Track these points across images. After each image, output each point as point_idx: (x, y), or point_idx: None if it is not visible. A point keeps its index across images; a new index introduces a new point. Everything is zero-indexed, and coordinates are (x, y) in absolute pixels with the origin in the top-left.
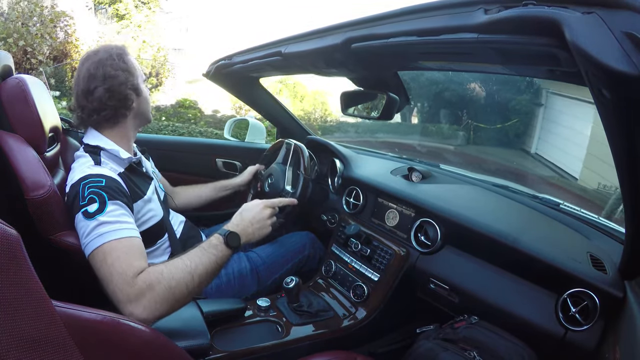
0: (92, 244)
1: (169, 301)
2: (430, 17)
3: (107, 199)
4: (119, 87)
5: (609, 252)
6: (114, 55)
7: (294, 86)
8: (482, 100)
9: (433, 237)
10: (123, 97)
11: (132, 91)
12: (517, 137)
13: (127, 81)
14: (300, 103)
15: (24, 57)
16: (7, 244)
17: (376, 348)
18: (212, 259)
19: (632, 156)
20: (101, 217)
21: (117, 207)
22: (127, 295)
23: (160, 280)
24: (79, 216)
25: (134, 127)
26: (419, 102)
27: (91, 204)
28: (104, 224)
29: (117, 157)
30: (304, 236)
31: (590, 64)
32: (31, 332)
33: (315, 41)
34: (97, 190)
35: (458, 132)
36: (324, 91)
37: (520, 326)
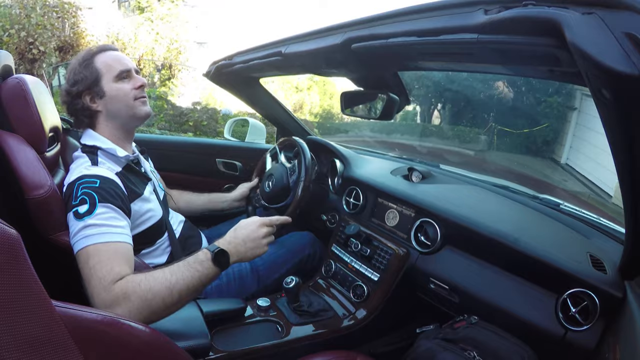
0: (77, 245)
1: (144, 313)
2: (431, 17)
3: (98, 201)
4: (65, 98)
5: (609, 252)
6: (70, 69)
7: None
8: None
9: (433, 237)
10: (74, 106)
11: (89, 96)
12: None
13: (70, 91)
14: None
15: (27, 48)
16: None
17: (376, 348)
18: (196, 275)
19: (632, 156)
20: (89, 220)
21: (108, 209)
22: (102, 301)
23: (137, 290)
24: (70, 215)
25: (116, 128)
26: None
27: (82, 205)
28: (91, 226)
29: (114, 155)
30: (304, 236)
31: (590, 64)
32: (31, 332)
33: (316, 41)
34: (89, 192)
35: (480, 136)
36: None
37: (520, 326)
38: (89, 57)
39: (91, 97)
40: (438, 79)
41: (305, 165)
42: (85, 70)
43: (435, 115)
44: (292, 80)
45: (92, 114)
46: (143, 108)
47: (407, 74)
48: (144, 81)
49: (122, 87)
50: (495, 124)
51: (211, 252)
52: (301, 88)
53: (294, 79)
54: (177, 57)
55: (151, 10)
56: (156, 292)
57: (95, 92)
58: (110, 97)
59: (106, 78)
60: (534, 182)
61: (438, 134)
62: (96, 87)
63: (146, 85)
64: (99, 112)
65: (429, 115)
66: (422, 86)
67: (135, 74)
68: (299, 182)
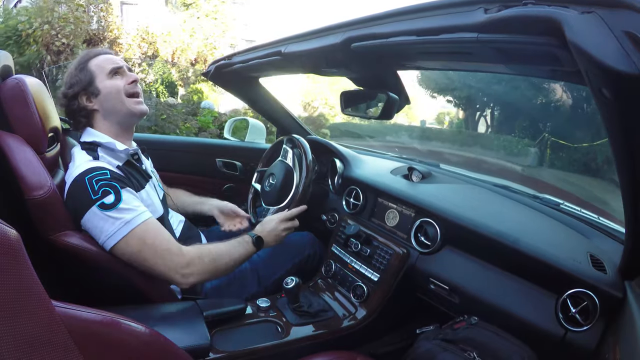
0: (121, 232)
1: (211, 272)
2: (430, 16)
3: (120, 188)
4: (62, 100)
5: (609, 252)
6: (67, 73)
7: None
8: (567, 110)
9: (433, 237)
10: (72, 108)
11: (85, 97)
12: (607, 164)
13: (67, 93)
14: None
15: (51, 40)
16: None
17: (376, 348)
18: (242, 250)
19: (632, 156)
20: (122, 205)
21: (130, 194)
22: (178, 264)
23: (208, 254)
24: (94, 210)
25: (114, 124)
26: (487, 108)
27: (106, 196)
28: (127, 210)
29: (114, 150)
30: (304, 236)
31: (590, 63)
32: (31, 332)
33: (315, 41)
34: (107, 182)
35: (530, 148)
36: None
37: (520, 326)
38: (83, 62)
39: (87, 97)
40: (487, 82)
41: (307, 164)
42: (80, 74)
43: (482, 123)
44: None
45: (89, 113)
46: (137, 106)
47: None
48: (136, 77)
49: (115, 83)
50: (549, 135)
51: (252, 237)
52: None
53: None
54: (211, 52)
55: (196, 7)
56: (221, 255)
57: (91, 92)
58: (104, 94)
59: (100, 77)
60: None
61: (482, 143)
62: (91, 87)
63: (138, 80)
64: (95, 111)
65: (473, 122)
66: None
67: (128, 71)
68: (299, 181)
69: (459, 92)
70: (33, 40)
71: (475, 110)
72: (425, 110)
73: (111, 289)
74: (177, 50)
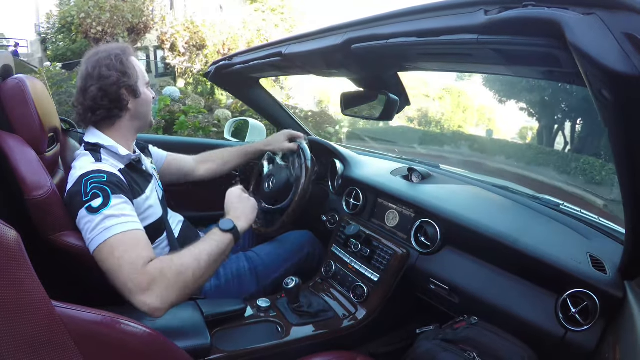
0: (99, 238)
1: (179, 287)
2: (431, 18)
3: (111, 193)
4: (110, 87)
5: (609, 252)
6: (112, 56)
7: (459, 95)
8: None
9: (433, 238)
10: (116, 97)
11: (127, 92)
12: None
13: (119, 81)
14: (462, 114)
15: (88, 28)
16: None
17: (376, 348)
18: (214, 244)
19: (632, 157)
20: (106, 211)
21: (121, 201)
22: (139, 285)
23: (171, 265)
24: (82, 212)
25: (132, 128)
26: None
27: (95, 199)
28: (110, 217)
29: (117, 154)
30: (303, 235)
31: (590, 65)
32: (31, 332)
33: (316, 42)
34: (99, 185)
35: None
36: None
37: (520, 327)
38: (127, 55)
39: (128, 92)
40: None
41: (306, 165)
42: (127, 64)
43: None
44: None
45: (120, 108)
46: (152, 121)
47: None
48: (155, 94)
49: (149, 94)
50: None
51: (219, 226)
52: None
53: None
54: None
55: (261, 1)
56: (187, 265)
57: (133, 91)
58: (143, 99)
59: (141, 81)
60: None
61: (555, 164)
62: (135, 85)
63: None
64: (126, 110)
65: (549, 137)
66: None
67: None
68: (299, 182)
69: (531, 95)
70: (74, 29)
71: (552, 121)
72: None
73: (111, 289)
74: (227, 41)
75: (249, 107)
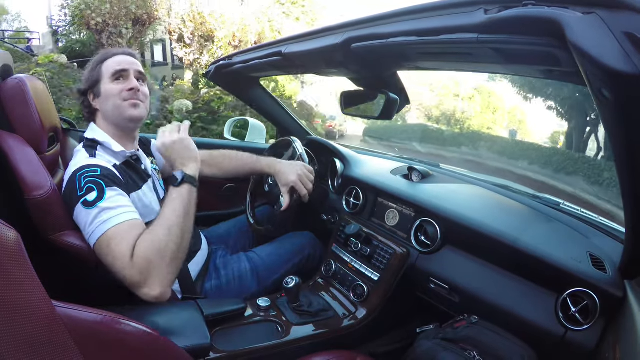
0: (97, 232)
1: (168, 262)
2: (430, 17)
3: (105, 186)
4: (78, 93)
5: (609, 251)
6: (95, 61)
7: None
8: None
9: (433, 237)
10: (83, 102)
11: (92, 95)
12: None
13: (81, 88)
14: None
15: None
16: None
17: (376, 348)
18: (176, 203)
19: (632, 156)
20: (102, 204)
21: (115, 193)
22: (134, 280)
23: (152, 248)
24: (79, 207)
25: (112, 125)
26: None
27: (90, 193)
28: (106, 210)
29: (111, 150)
30: (304, 236)
31: (590, 64)
32: (31, 332)
33: (316, 41)
34: (93, 179)
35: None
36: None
37: (520, 326)
38: (99, 61)
39: (93, 96)
40: None
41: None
42: (92, 72)
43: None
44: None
45: (93, 111)
46: (130, 110)
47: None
48: (135, 84)
49: (113, 87)
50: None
51: (176, 181)
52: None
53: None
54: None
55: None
56: (164, 239)
57: (95, 92)
58: (103, 97)
59: (105, 79)
60: None
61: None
62: (96, 87)
63: (138, 88)
64: (97, 111)
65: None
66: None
67: (134, 78)
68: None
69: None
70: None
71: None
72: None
73: (111, 289)
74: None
75: (249, 106)
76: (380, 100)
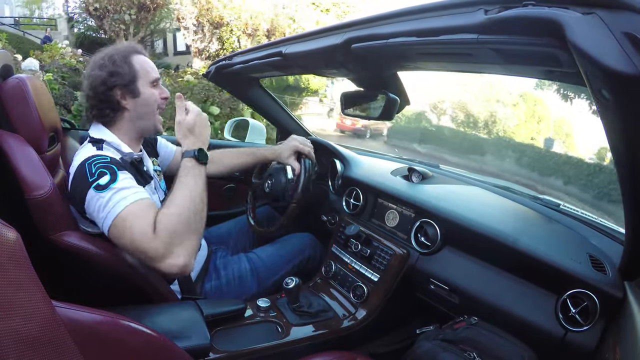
0: (112, 213)
1: (191, 232)
2: (430, 17)
3: (117, 169)
4: (98, 87)
5: (609, 252)
6: (107, 57)
7: (535, 103)
8: None
9: (433, 238)
10: (105, 97)
11: (120, 92)
12: None
13: (106, 81)
14: (537, 125)
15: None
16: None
17: (376, 348)
18: (198, 180)
19: (632, 157)
20: (115, 185)
21: (127, 175)
22: (159, 252)
23: (172, 219)
24: (91, 192)
25: (134, 129)
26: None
27: (102, 177)
28: (120, 190)
29: (118, 150)
30: (304, 237)
31: (590, 65)
32: (31, 333)
33: (316, 42)
34: (104, 164)
35: None
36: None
37: (520, 327)
38: (127, 54)
39: (123, 93)
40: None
41: (305, 165)
42: (123, 66)
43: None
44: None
45: (118, 109)
46: (159, 124)
47: None
48: (168, 94)
49: (154, 93)
50: None
51: (193, 156)
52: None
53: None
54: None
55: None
56: (184, 207)
57: (130, 90)
58: (143, 99)
59: (142, 80)
60: None
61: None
62: (132, 85)
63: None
64: (125, 110)
65: None
66: None
67: (161, 85)
68: (298, 182)
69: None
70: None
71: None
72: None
73: (111, 289)
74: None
75: (249, 107)
76: (380, 101)
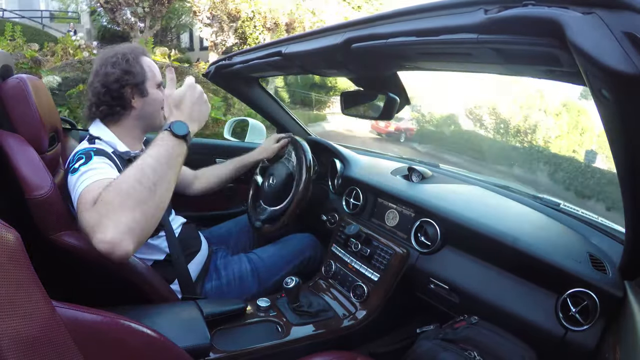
0: (77, 193)
1: (130, 204)
2: (430, 17)
3: (93, 155)
4: (112, 84)
5: (609, 252)
6: (119, 55)
7: (579, 113)
8: None
9: (433, 237)
10: (118, 95)
11: (131, 90)
12: None
13: (121, 79)
14: (580, 137)
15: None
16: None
17: (376, 348)
18: (160, 150)
19: (632, 157)
20: (84, 167)
21: (102, 161)
22: (90, 224)
23: (111, 187)
24: (69, 177)
25: (138, 128)
26: None
27: (78, 162)
28: (86, 172)
29: (113, 148)
30: (305, 238)
31: (590, 64)
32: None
33: (316, 41)
34: (85, 151)
35: None
36: None
37: (520, 326)
38: (137, 54)
39: (132, 92)
40: None
41: (306, 165)
42: (136, 66)
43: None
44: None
45: (127, 107)
46: (163, 120)
47: None
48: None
49: (160, 94)
50: None
51: (167, 129)
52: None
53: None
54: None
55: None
56: (131, 177)
57: (139, 90)
58: (150, 99)
59: (150, 82)
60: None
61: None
62: (142, 85)
63: None
64: (132, 109)
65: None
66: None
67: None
68: (299, 181)
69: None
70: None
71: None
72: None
73: (111, 289)
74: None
75: (249, 107)
76: (380, 101)
